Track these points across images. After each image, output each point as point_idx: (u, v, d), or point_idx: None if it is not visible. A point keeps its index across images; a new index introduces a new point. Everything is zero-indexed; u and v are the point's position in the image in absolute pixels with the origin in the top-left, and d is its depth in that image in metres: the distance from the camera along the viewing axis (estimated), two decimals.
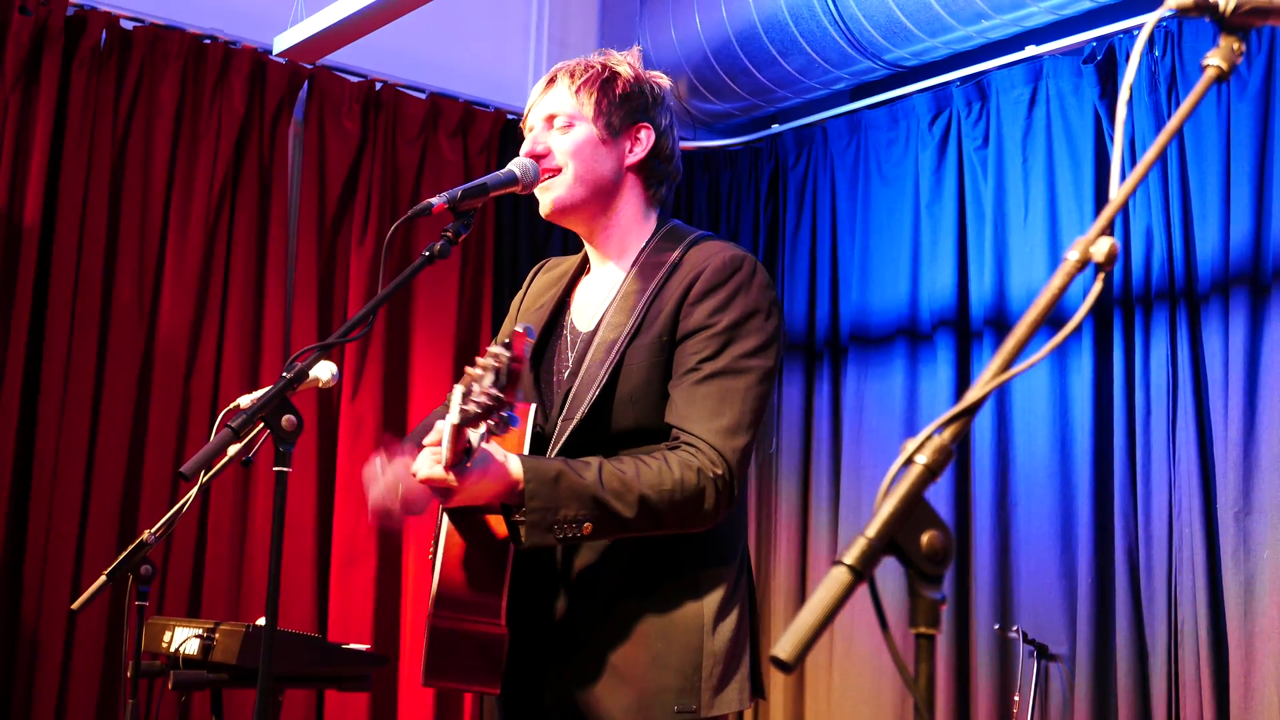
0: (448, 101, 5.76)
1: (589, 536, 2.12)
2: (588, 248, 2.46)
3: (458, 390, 1.92)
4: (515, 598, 2.18)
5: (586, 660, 2.22)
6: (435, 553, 2.23)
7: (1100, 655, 4.59)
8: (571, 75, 2.38)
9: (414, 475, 2.09)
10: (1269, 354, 4.28)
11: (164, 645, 3.61)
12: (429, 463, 2.05)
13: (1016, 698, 4.64)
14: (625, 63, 2.42)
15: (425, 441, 2.11)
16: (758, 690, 2.27)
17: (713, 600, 2.22)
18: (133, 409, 4.95)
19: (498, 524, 2.15)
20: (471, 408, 1.89)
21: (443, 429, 1.99)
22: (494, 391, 1.88)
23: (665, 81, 2.46)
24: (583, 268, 2.49)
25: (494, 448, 2.07)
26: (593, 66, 2.39)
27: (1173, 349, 4.52)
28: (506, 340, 1.93)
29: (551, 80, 2.40)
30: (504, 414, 1.90)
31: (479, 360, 1.92)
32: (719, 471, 2.14)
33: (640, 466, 2.13)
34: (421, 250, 2.17)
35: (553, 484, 2.08)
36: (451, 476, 2.01)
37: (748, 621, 2.28)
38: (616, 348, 2.25)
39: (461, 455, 1.99)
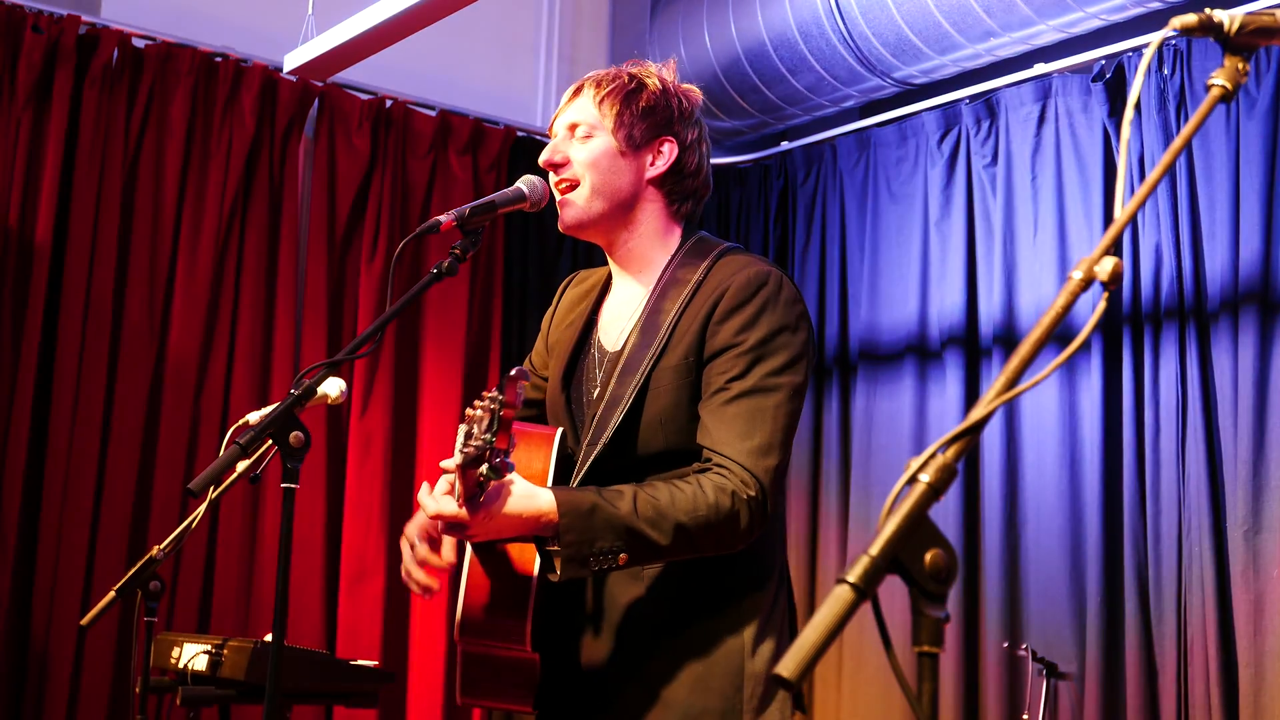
0: (457, 119, 5.77)
1: (624, 565, 2.09)
2: (610, 261, 2.42)
3: (461, 430, 1.93)
4: (551, 622, 2.15)
5: (627, 684, 2.20)
6: (459, 575, 2.21)
7: (1109, 673, 4.58)
8: (598, 85, 2.34)
9: (428, 512, 2.07)
10: (1278, 373, 4.27)
11: (173, 661, 3.61)
12: (440, 499, 2.05)
13: (1025, 716, 4.63)
14: (655, 75, 2.37)
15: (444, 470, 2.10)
16: (799, 706, 2.25)
17: (752, 621, 2.19)
18: (143, 426, 4.95)
19: (520, 551, 2.13)
20: (470, 450, 1.90)
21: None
22: (487, 436, 1.88)
23: (697, 95, 2.40)
24: (610, 281, 2.45)
25: (517, 480, 2.04)
26: (620, 77, 2.35)
27: (1182, 367, 4.51)
28: (504, 382, 1.93)
29: (578, 89, 2.37)
30: (496, 460, 1.89)
31: (478, 402, 1.92)
32: (752, 493, 2.11)
33: (674, 492, 2.10)
34: (430, 267, 2.17)
35: (587, 516, 2.04)
36: (464, 511, 2.00)
37: (788, 640, 2.24)
38: (642, 370, 2.22)
39: (474, 490, 1.98)
